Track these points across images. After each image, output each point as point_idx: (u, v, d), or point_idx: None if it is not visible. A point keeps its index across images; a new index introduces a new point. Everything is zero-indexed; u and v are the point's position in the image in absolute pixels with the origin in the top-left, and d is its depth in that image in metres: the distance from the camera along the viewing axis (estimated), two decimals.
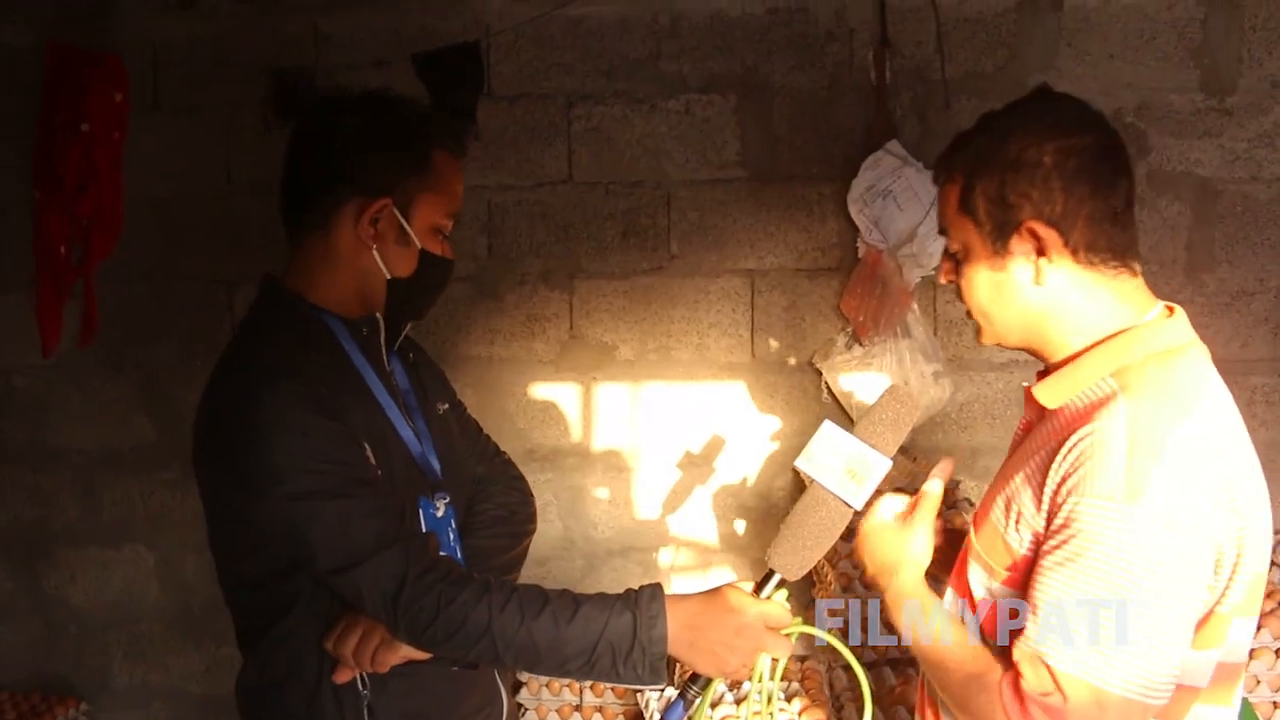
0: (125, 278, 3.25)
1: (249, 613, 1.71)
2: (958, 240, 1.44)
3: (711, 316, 3.20)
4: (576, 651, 1.46)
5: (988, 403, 3.20)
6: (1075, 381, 1.37)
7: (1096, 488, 1.24)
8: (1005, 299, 1.41)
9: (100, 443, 3.37)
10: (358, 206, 1.63)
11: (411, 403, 1.79)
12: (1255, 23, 3.03)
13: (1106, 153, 1.37)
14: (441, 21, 3.13)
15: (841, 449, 1.42)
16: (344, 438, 1.55)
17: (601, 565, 3.30)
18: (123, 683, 3.48)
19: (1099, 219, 1.36)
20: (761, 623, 1.46)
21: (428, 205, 1.67)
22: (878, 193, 3.03)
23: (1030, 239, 1.36)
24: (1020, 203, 1.35)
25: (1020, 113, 1.40)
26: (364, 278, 1.68)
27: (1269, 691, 2.62)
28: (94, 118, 2.90)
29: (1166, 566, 1.22)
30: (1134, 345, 1.35)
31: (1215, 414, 1.31)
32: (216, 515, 1.67)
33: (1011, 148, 1.36)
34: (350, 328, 1.70)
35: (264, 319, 1.69)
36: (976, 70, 3.09)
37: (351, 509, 1.50)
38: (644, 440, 3.25)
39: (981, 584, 1.43)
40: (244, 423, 1.52)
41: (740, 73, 3.12)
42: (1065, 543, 1.26)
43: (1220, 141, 3.07)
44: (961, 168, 1.41)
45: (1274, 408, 3.13)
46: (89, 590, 3.44)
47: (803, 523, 1.43)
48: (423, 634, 1.48)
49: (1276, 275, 3.10)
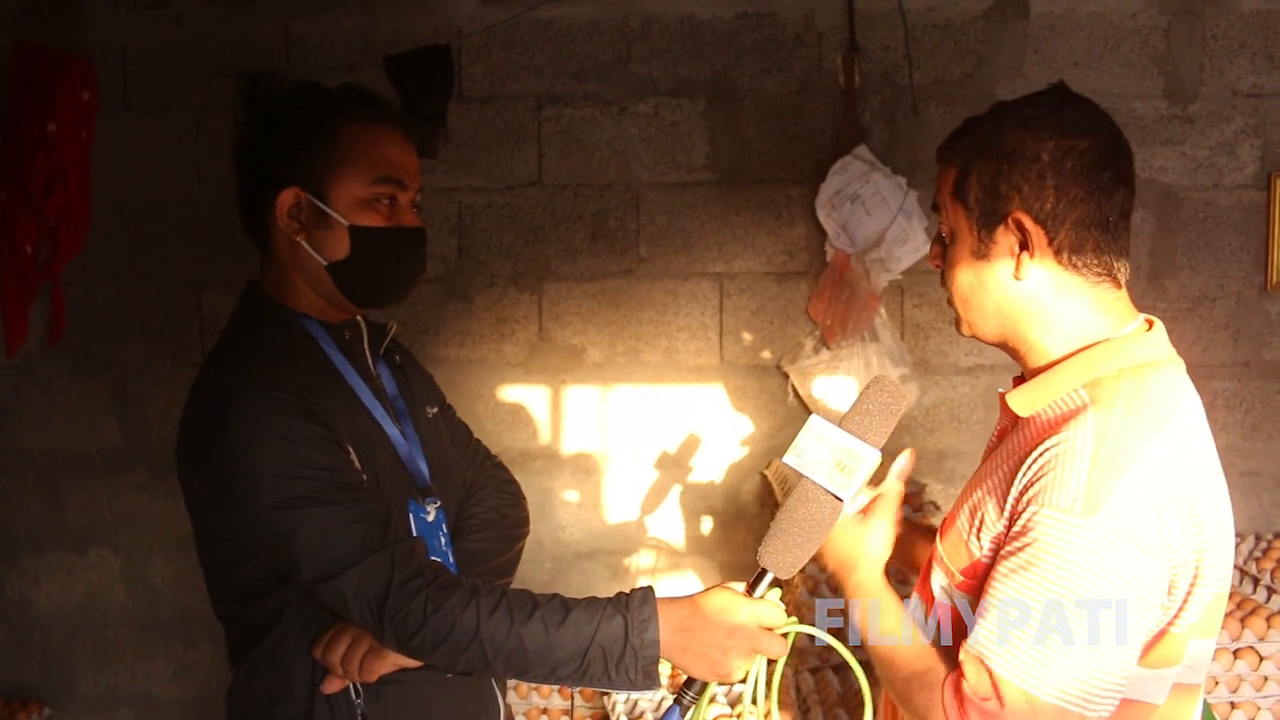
0: (93, 279, 3.23)
1: (239, 626, 1.67)
2: (948, 224, 1.44)
3: (680, 319, 3.21)
4: (567, 656, 1.42)
5: (954, 406, 3.22)
6: (1048, 391, 1.37)
7: (1055, 499, 1.24)
8: (984, 289, 1.41)
9: (66, 445, 3.34)
10: (275, 203, 1.60)
11: (399, 406, 1.76)
12: (1216, 32, 3.08)
13: (1107, 159, 1.36)
14: (413, 24, 3.13)
15: (830, 442, 1.38)
16: (328, 442, 1.53)
17: (570, 568, 3.30)
18: (88, 688, 3.44)
19: (1088, 224, 1.35)
20: (755, 623, 1.42)
21: (343, 180, 1.60)
22: (846, 197, 3.05)
23: (1016, 232, 1.36)
24: (1011, 194, 1.35)
25: (1030, 107, 1.39)
26: (308, 272, 1.64)
27: (1226, 692, 2.64)
28: (61, 118, 2.88)
29: (1117, 581, 1.21)
30: (1109, 358, 1.35)
31: (1185, 433, 1.30)
32: (203, 527, 1.63)
33: (1011, 139, 1.36)
34: (331, 331, 1.68)
35: (244, 326, 1.66)
36: (944, 76, 3.12)
37: (335, 515, 1.47)
38: (613, 443, 3.26)
39: (940, 587, 1.44)
40: (225, 431, 1.50)
41: (709, 76, 3.14)
42: (1020, 550, 1.26)
43: (1183, 149, 3.11)
44: (962, 152, 1.41)
45: (1234, 412, 3.16)
46: (53, 594, 3.41)
47: (793, 519, 1.39)
48: (410, 641, 1.45)
49: (1237, 281, 3.14)
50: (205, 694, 3.38)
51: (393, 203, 1.65)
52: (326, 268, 1.62)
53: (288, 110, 1.65)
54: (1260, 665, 2.63)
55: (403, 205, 1.67)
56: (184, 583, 3.35)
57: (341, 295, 1.65)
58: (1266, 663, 2.63)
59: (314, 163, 1.60)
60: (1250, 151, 3.11)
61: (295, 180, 1.60)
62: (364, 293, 1.67)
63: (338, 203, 1.61)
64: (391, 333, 1.81)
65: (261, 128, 1.65)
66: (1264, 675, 2.64)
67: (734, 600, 1.43)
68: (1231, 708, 2.65)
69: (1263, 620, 2.66)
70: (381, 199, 1.63)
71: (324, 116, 1.62)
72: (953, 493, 3.23)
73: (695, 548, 3.28)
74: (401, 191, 1.66)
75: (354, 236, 1.61)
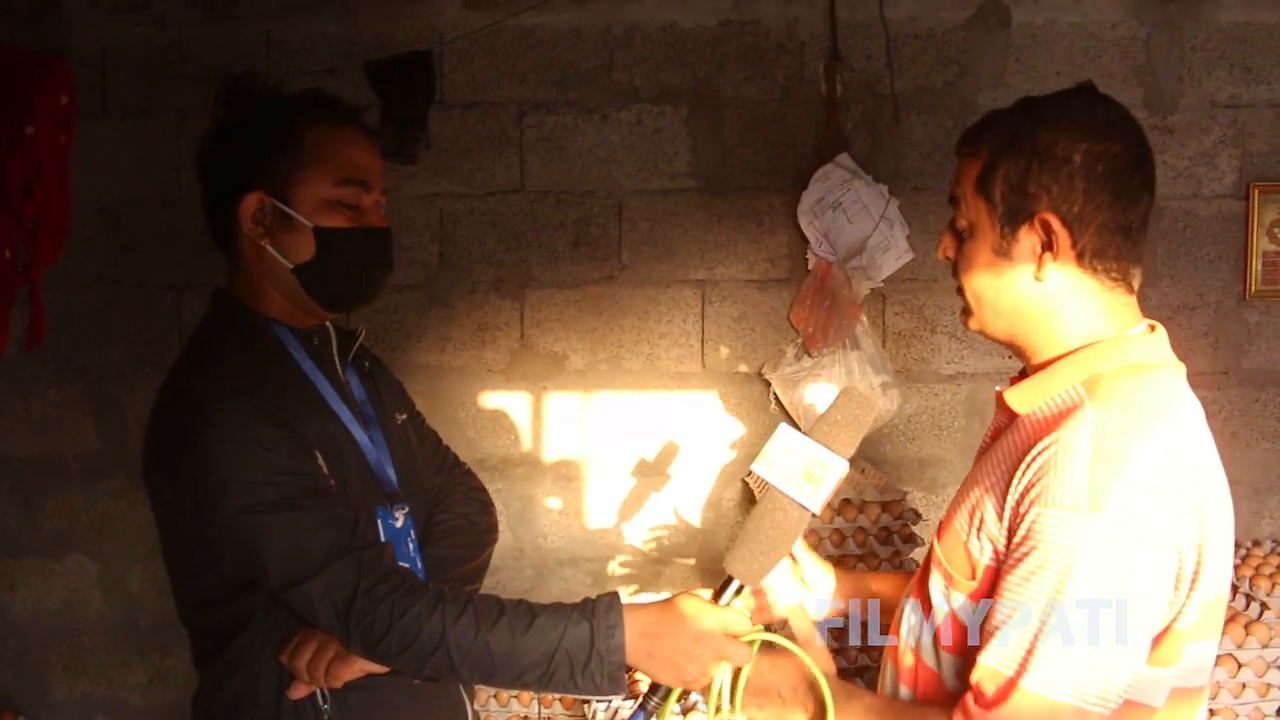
0: (72, 283, 3.21)
1: (205, 632, 1.67)
2: (966, 217, 1.42)
3: (662, 327, 3.21)
4: (533, 662, 1.43)
5: (935, 414, 3.23)
6: (1047, 387, 1.36)
7: (1058, 498, 1.23)
8: (1001, 286, 1.39)
9: (43, 450, 3.32)
10: (240, 207, 1.61)
11: (368, 412, 1.76)
12: (1195, 43, 3.10)
13: (1135, 164, 1.35)
14: (395, 30, 3.12)
15: (798, 452, 1.40)
16: (296, 447, 1.53)
17: (551, 575, 3.29)
18: (63, 695, 3.41)
19: (1112, 229, 1.34)
20: (721, 630, 1.43)
21: (307, 182, 1.61)
22: (827, 205, 3.05)
23: (1041, 232, 1.35)
24: (1040, 193, 1.34)
25: (1062, 104, 1.38)
26: (275, 276, 1.64)
27: (1230, 699, 2.65)
28: (39, 121, 2.85)
29: (1128, 577, 1.21)
30: (1108, 355, 1.35)
31: (1184, 432, 1.30)
32: (170, 533, 1.64)
33: (1044, 137, 1.34)
34: (300, 337, 1.68)
35: (213, 331, 1.67)
36: (926, 85, 3.13)
37: (304, 521, 1.48)
38: (594, 450, 3.25)
39: (940, 592, 1.42)
40: (195, 436, 1.50)
41: (692, 84, 3.14)
42: (1027, 555, 1.26)
43: (1163, 159, 3.13)
44: (989, 145, 1.38)
45: (1214, 420, 3.13)
46: (29, 601, 3.37)
47: (760, 528, 1.40)
48: (377, 646, 1.46)
49: (1215, 290, 3.17)
50: (182, 701, 3.33)
51: (357, 204, 1.65)
52: (293, 270, 1.62)
53: (248, 117, 1.65)
54: (1239, 672, 2.64)
55: (367, 206, 1.67)
56: (161, 589, 3.30)
57: (309, 298, 1.65)
58: (1245, 670, 2.64)
59: (277, 167, 1.61)
60: (1229, 162, 3.14)
61: (259, 185, 1.61)
62: (331, 295, 1.68)
63: (301, 205, 1.61)
64: (360, 339, 1.81)
65: (222, 135, 1.66)
66: (1242, 682, 2.65)
67: (701, 607, 1.45)
68: (1211, 715, 2.66)
69: (1241, 628, 2.67)
70: (345, 200, 1.63)
71: (285, 121, 1.63)
72: (934, 500, 3.24)
73: (676, 555, 3.27)
74: (365, 192, 1.66)
75: (319, 238, 1.61)
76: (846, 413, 1.41)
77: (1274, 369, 3.19)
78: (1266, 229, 3.14)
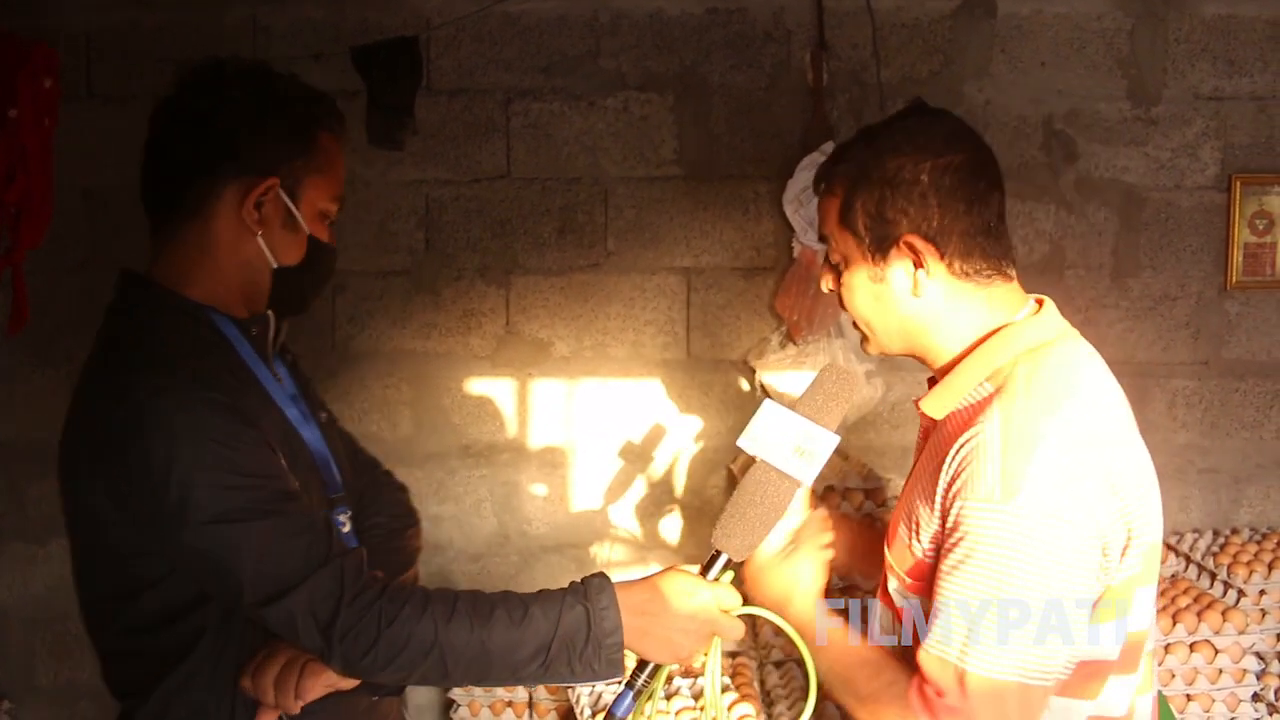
0: (56, 268, 3.19)
1: (136, 658, 1.48)
2: (838, 252, 1.48)
3: (647, 314, 3.22)
4: (530, 654, 1.36)
5: None
6: (955, 390, 1.42)
7: (976, 490, 1.29)
8: (885, 309, 1.46)
9: (27, 435, 3.30)
10: (241, 188, 1.49)
11: (303, 408, 1.62)
12: (1179, 35, 3.11)
13: (979, 169, 1.42)
14: (382, 15, 3.12)
15: (787, 427, 1.41)
16: (262, 447, 1.41)
17: (536, 561, 3.30)
18: (48, 681, 3.41)
19: (973, 233, 1.41)
20: (715, 605, 1.42)
21: (315, 188, 1.54)
22: (813, 194, 3.06)
23: (908, 252, 1.41)
24: (898, 218, 1.40)
25: (898, 129, 1.44)
26: (248, 269, 1.53)
27: (1183, 685, 2.68)
28: (23, 104, 2.84)
29: (1049, 557, 1.26)
30: (1003, 347, 1.40)
31: (1087, 403, 1.35)
32: (95, 548, 1.47)
33: (890, 164, 1.40)
34: (240, 327, 1.54)
35: (141, 319, 1.49)
36: (912, 75, 3.14)
37: (279, 528, 1.35)
38: (579, 436, 3.26)
39: (894, 591, 1.48)
40: (139, 435, 1.34)
41: (678, 71, 3.14)
42: (955, 546, 1.31)
43: (1146, 150, 3.15)
44: (841, 182, 1.45)
45: (1194, 410, 3.20)
46: (13, 587, 3.37)
47: (750, 502, 1.42)
48: (361, 660, 1.34)
49: (1197, 281, 3.19)
50: None
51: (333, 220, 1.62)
52: (274, 269, 1.54)
53: (259, 93, 1.52)
54: (1215, 658, 2.67)
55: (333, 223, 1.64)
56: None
57: (265, 295, 1.57)
58: (1221, 655, 2.67)
59: (295, 163, 1.52)
60: (1211, 154, 3.16)
61: (275, 174, 1.50)
62: (290, 300, 1.60)
63: (304, 208, 1.54)
64: (284, 331, 1.66)
65: (228, 106, 1.50)
66: (1219, 668, 2.68)
67: (693, 583, 1.43)
68: (1187, 700, 2.69)
69: (1218, 614, 2.70)
70: (329, 215, 1.60)
71: (308, 117, 1.55)
72: None
73: (661, 541, 3.29)
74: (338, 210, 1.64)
75: (311, 247, 1.57)
76: (830, 388, 1.44)
77: (1254, 359, 3.22)
78: (1248, 221, 3.16)
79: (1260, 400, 3.23)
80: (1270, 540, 3.06)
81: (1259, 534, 3.16)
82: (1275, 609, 2.82)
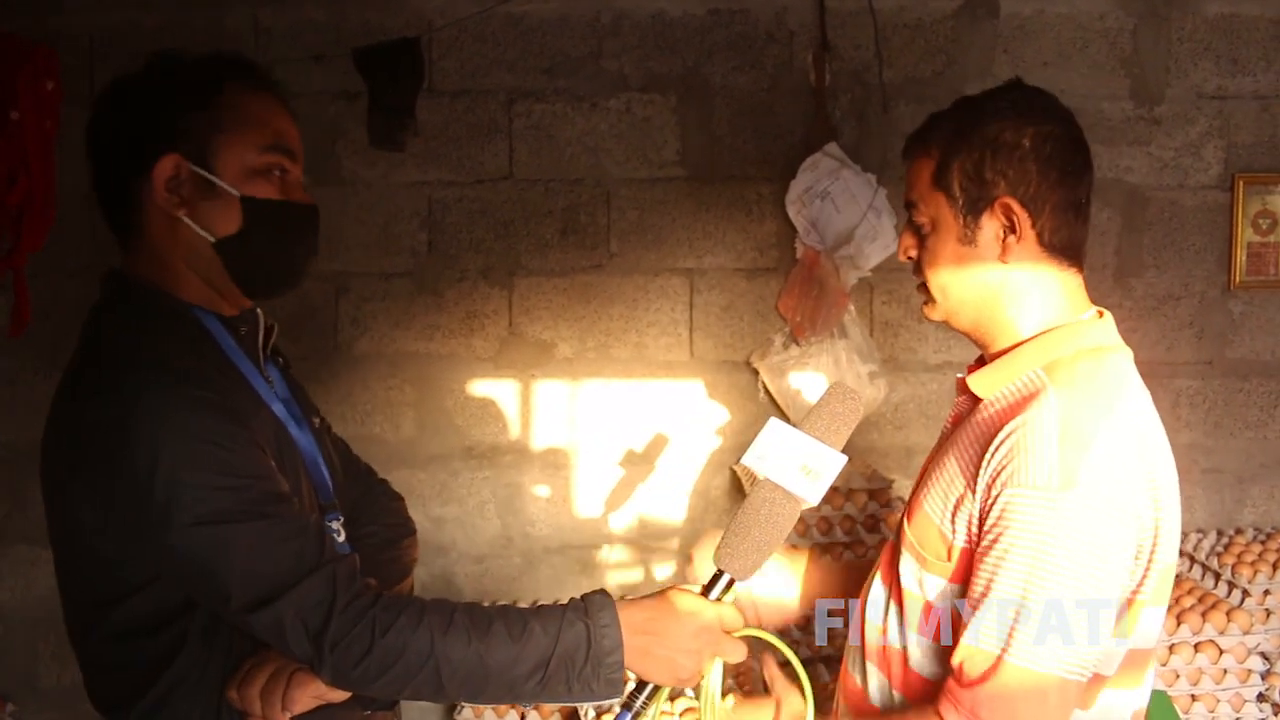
0: (57, 270, 3.19)
1: (120, 669, 1.43)
2: (927, 214, 1.46)
3: (650, 315, 3.21)
4: (528, 671, 1.31)
5: (922, 403, 3.24)
6: (1009, 372, 1.41)
7: (1030, 478, 1.27)
8: (968, 274, 1.44)
9: (29, 438, 3.26)
10: (154, 175, 1.41)
11: (294, 411, 1.56)
12: (1182, 35, 3.11)
13: (1076, 144, 1.43)
14: (383, 17, 3.11)
15: (794, 446, 1.38)
16: (253, 447, 1.36)
17: (539, 563, 3.29)
18: (50, 683, 3.40)
19: (1064, 207, 1.41)
20: (717, 625, 1.38)
21: (231, 146, 1.42)
22: (816, 194, 3.06)
23: (1003, 216, 1.40)
24: (997, 179, 1.39)
25: (999, 98, 1.44)
26: (193, 253, 1.44)
27: (1187, 685, 2.68)
28: (24, 106, 2.84)
29: (1100, 549, 1.26)
30: (1067, 340, 1.40)
31: (1136, 412, 1.35)
32: (79, 554, 1.42)
33: (991, 128, 1.40)
34: (228, 325, 1.49)
35: (128, 317, 1.44)
36: (915, 75, 3.13)
37: (269, 531, 1.30)
38: (582, 438, 3.26)
39: (913, 575, 1.44)
40: (125, 435, 1.29)
41: (681, 72, 3.14)
42: (1001, 535, 1.29)
43: (1149, 149, 3.15)
44: (939, 144, 1.44)
45: (1197, 409, 3.20)
46: (16, 589, 3.36)
47: (754, 522, 1.38)
48: (353, 670, 1.28)
49: (1200, 281, 3.19)
50: None
51: (284, 175, 1.47)
52: (214, 245, 1.43)
53: (152, 76, 1.46)
54: (1220, 658, 2.67)
55: (293, 181, 1.49)
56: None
57: (229, 279, 1.46)
58: (1226, 656, 2.67)
59: (196, 127, 1.41)
60: (1214, 153, 3.15)
61: (174, 147, 1.40)
62: (256, 274, 1.48)
63: (225, 172, 1.42)
64: (275, 333, 1.60)
65: (122, 95, 1.46)
66: (1223, 668, 2.68)
67: (695, 602, 1.39)
68: (1192, 700, 2.68)
69: (1223, 614, 2.70)
70: (273, 169, 1.45)
71: (205, 81, 1.44)
72: None
73: (664, 543, 3.28)
74: (292, 164, 1.49)
75: (246, 208, 1.43)
76: (837, 408, 1.41)
77: (1257, 359, 3.22)
78: (1251, 220, 3.16)
79: (1264, 400, 3.23)
80: (1275, 540, 3.06)
81: (1263, 534, 3.16)
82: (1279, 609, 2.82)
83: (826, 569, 1.77)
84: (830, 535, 2.78)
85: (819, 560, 1.78)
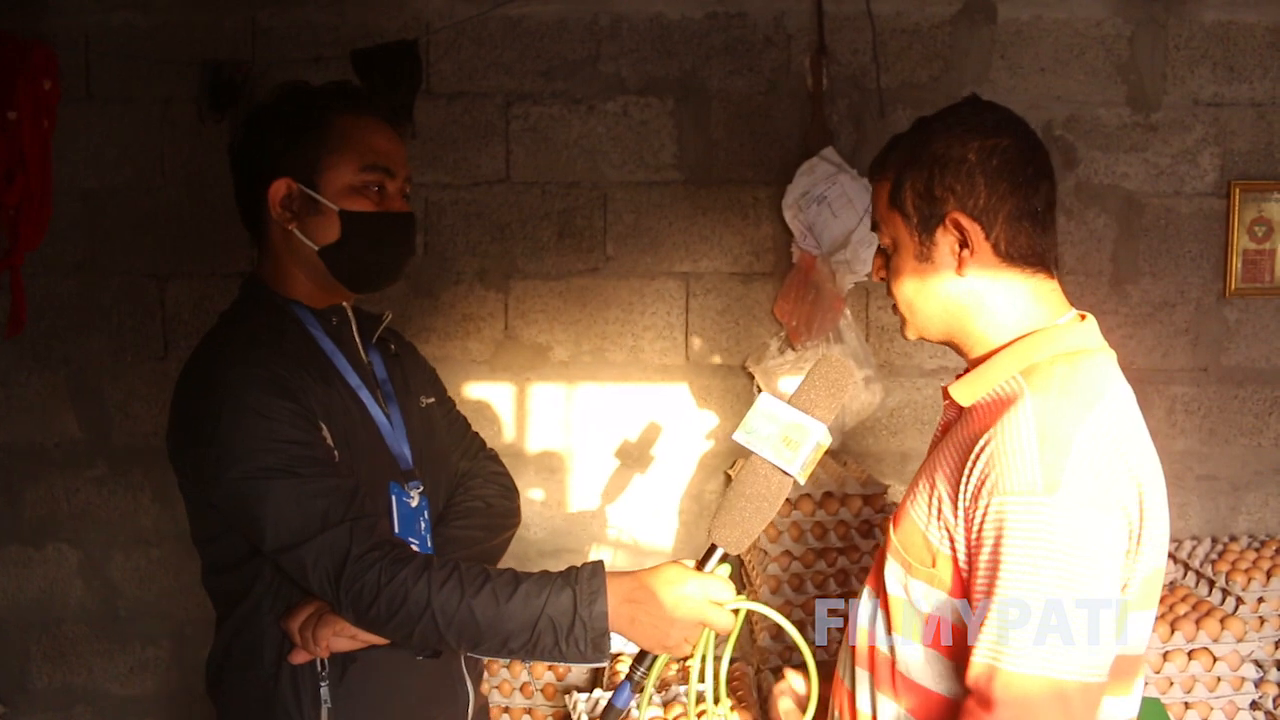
0: (54, 270, 3.19)
1: (217, 596, 1.76)
2: (889, 235, 1.49)
3: (646, 319, 3.21)
4: (517, 629, 1.47)
5: (918, 408, 3.24)
6: (987, 379, 1.42)
7: (1013, 484, 1.27)
8: (929, 290, 1.46)
9: (23, 438, 3.30)
10: (270, 194, 1.70)
11: (388, 391, 1.82)
12: (1179, 41, 3.12)
13: (1027, 155, 1.44)
14: (382, 18, 3.11)
15: (777, 418, 1.40)
16: (299, 417, 1.60)
17: (533, 566, 3.23)
18: (43, 685, 3.40)
19: (1019, 216, 1.42)
20: (703, 595, 1.45)
21: (334, 167, 1.69)
22: (812, 199, 3.06)
23: (954, 230, 1.42)
24: (945, 195, 1.42)
25: (949, 116, 1.47)
26: (301, 259, 1.72)
27: (1181, 692, 2.68)
28: (22, 106, 2.83)
29: (1093, 546, 1.26)
30: (1043, 345, 1.41)
31: (1117, 412, 1.35)
32: (192, 503, 1.72)
33: (938, 145, 1.43)
34: (318, 316, 1.76)
35: (236, 312, 1.77)
36: (912, 80, 3.14)
37: (301, 488, 1.54)
38: (577, 441, 3.26)
39: (898, 580, 1.45)
40: (203, 407, 1.59)
41: (678, 76, 3.14)
42: (993, 543, 1.28)
43: (1145, 156, 3.15)
44: (893, 165, 1.48)
45: (1193, 416, 3.20)
46: (9, 590, 3.36)
47: (743, 495, 1.42)
48: (367, 612, 1.51)
49: (1196, 287, 3.19)
50: (163, 691, 3.34)
51: (381, 190, 1.73)
52: (318, 252, 1.70)
53: (276, 107, 1.74)
54: (1214, 666, 2.67)
55: (391, 192, 1.75)
56: (143, 579, 3.32)
57: (333, 278, 1.73)
58: (1220, 663, 2.66)
59: (305, 154, 1.69)
60: (1210, 160, 3.16)
61: (286, 172, 1.69)
62: (355, 274, 1.75)
63: (328, 190, 1.69)
64: (386, 322, 1.89)
65: (251, 125, 1.75)
66: (1217, 676, 2.67)
67: (682, 573, 1.47)
68: (1186, 707, 2.68)
69: (1217, 622, 2.70)
70: (371, 186, 1.71)
71: (313, 110, 1.71)
72: None
73: (659, 546, 3.28)
74: (389, 179, 1.74)
75: (344, 221, 1.69)
76: (824, 378, 1.43)
77: (1253, 366, 3.22)
78: (1247, 227, 3.16)
79: (1259, 407, 3.23)
80: (1269, 547, 3.06)
81: (1258, 541, 3.16)
82: (1273, 616, 2.82)
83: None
84: (825, 540, 2.78)
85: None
